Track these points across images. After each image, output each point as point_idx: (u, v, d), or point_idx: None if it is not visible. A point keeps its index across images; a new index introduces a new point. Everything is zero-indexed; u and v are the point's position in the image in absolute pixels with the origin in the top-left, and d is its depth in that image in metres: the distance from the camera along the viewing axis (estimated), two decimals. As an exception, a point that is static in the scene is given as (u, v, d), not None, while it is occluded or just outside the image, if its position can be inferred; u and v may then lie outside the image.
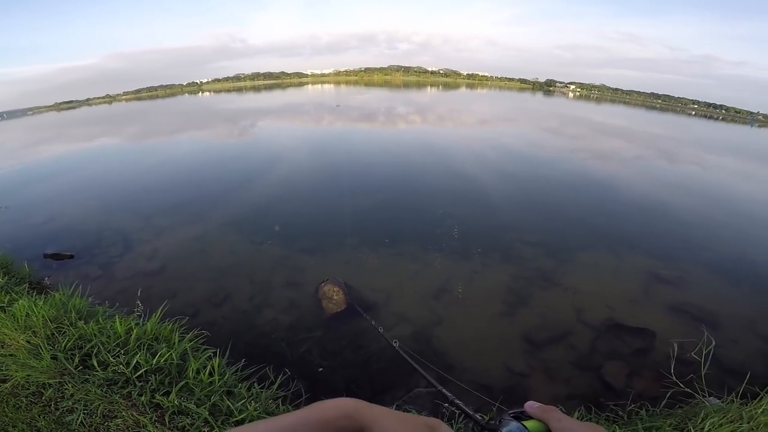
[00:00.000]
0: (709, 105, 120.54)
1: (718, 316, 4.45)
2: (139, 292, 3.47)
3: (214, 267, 5.24)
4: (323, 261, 5.32)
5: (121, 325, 2.75)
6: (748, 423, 2.17)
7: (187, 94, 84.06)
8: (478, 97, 57.95)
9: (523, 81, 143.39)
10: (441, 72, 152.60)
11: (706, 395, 2.59)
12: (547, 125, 23.91)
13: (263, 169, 10.08)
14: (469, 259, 5.44)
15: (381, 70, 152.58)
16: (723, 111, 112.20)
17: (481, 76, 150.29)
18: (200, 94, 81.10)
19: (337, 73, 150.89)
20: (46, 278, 4.56)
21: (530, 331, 4.00)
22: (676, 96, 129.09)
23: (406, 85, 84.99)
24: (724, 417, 2.24)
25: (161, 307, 3.02)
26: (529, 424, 0.54)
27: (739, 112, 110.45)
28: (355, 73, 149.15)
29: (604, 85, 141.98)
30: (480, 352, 3.71)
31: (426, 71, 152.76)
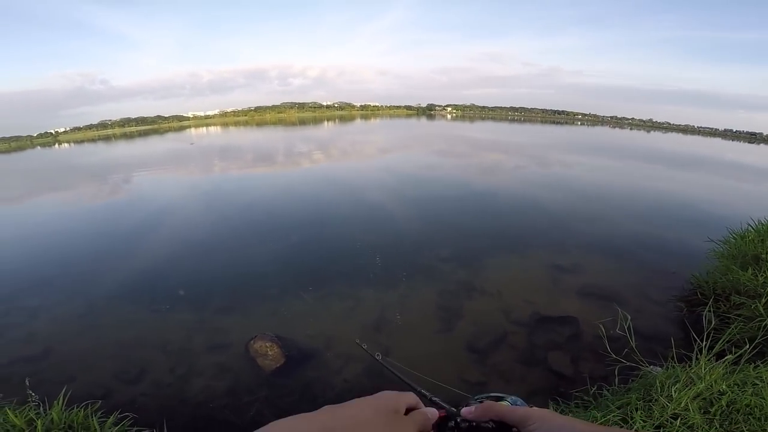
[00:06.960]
0: (554, 112, 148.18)
1: (617, 291, 5.13)
2: (27, 381, 2.98)
3: (114, 343, 4.46)
4: (245, 317, 4.89)
5: (17, 417, 2.30)
6: (703, 384, 2.33)
7: (39, 147, 70.39)
8: (373, 127, 60.90)
9: (408, 108, 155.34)
10: (336, 105, 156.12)
11: (646, 365, 2.81)
12: (435, 147, 26.39)
13: (150, 229, 8.85)
14: (397, 285, 5.58)
15: (274, 108, 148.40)
16: (564, 116, 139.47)
17: (373, 106, 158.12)
18: (57, 146, 68.61)
19: (224, 114, 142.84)
20: None
21: (471, 340, 4.23)
22: (529, 107, 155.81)
23: (303, 122, 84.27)
24: (679, 382, 2.37)
25: (62, 393, 2.58)
26: None
27: (576, 115, 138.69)
28: (245, 112, 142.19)
29: (474, 105, 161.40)
30: (434, 370, 3.70)
31: (321, 106, 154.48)
